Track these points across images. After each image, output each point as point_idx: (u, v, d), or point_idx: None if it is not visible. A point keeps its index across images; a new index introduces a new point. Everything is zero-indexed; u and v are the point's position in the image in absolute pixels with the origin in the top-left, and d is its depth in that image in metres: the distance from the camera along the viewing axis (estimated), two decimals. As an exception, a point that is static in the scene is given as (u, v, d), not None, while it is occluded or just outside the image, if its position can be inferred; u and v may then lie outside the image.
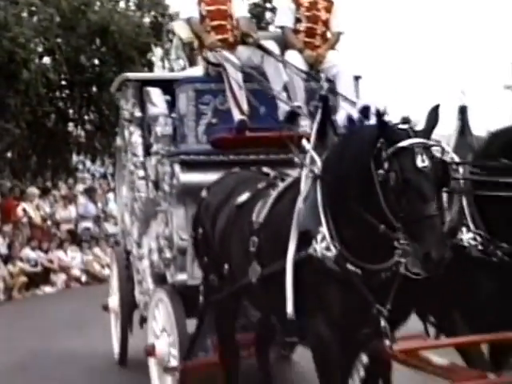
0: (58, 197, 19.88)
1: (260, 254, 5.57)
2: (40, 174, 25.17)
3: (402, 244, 4.70)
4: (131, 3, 25.96)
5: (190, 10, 7.79)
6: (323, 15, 7.66)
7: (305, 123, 6.82)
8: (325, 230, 5.04)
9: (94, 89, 24.43)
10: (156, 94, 8.00)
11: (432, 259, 4.48)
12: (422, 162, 4.60)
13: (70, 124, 25.81)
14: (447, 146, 5.90)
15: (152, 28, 24.73)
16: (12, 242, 16.81)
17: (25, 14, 22.36)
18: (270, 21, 25.08)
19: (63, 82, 24.66)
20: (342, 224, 5.03)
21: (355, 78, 7.58)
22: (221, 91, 7.32)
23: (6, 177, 23.07)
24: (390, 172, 4.64)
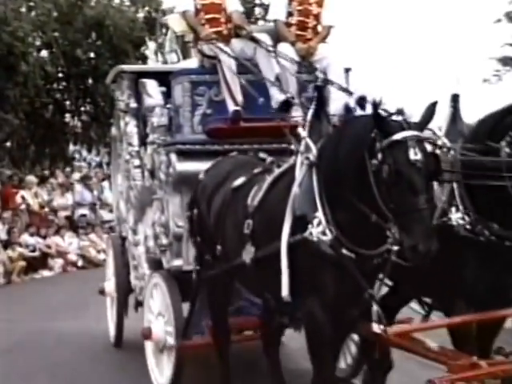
0: (55, 185, 19.79)
1: (254, 236, 5.51)
2: (38, 163, 25.33)
3: (393, 233, 4.67)
4: (126, -2, 26.01)
5: (185, 3, 7.70)
6: (314, 9, 7.57)
7: (297, 114, 6.74)
8: (321, 215, 4.98)
9: (90, 81, 24.45)
10: (152, 85, 7.91)
11: (419, 251, 4.46)
12: (414, 155, 4.53)
13: (67, 115, 25.90)
14: (439, 131, 5.87)
15: (146, 23, 24.72)
16: (11, 228, 16.77)
17: (24, 9, 22.33)
18: (260, 16, 25.07)
19: (60, 75, 24.68)
20: (337, 210, 4.98)
21: (345, 70, 7.49)
22: (215, 83, 7.24)
23: (5, 165, 23.09)
24: (383, 164, 4.58)
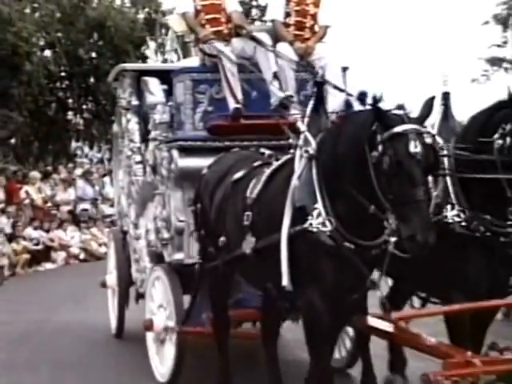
0: (58, 180, 19.72)
1: (254, 227, 5.47)
2: (42, 159, 25.37)
3: (391, 224, 4.63)
4: (126, 0, 26.01)
5: (185, 5, 7.63)
6: (311, 9, 7.51)
7: (296, 111, 6.67)
8: (320, 207, 4.96)
9: (92, 80, 24.42)
10: (154, 83, 7.87)
11: (417, 241, 4.42)
12: (414, 147, 4.51)
13: (70, 112, 25.93)
14: (431, 129, 5.79)
15: (146, 23, 24.75)
16: (16, 222, 16.75)
17: (28, 10, 22.30)
18: (256, 17, 25.04)
19: (63, 74, 24.67)
20: (337, 202, 4.96)
21: (343, 69, 7.44)
22: (216, 81, 7.19)
23: (9, 161, 23.08)
24: (384, 155, 4.55)
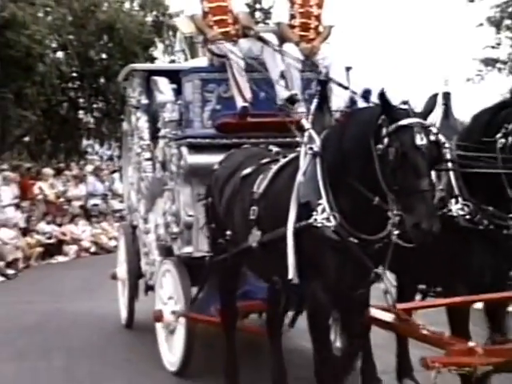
0: (69, 176, 19.69)
1: (259, 221, 5.43)
2: (54, 156, 25.65)
3: (395, 215, 4.59)
4: (135, 4, 26.20)
5: (193, 7, 7.57)
6: (315, 11, 7.45)
7: (301, 110, 6.67)
8: (325, 202, 4.89)
9: (102, 80, 24.54)
10: (163, 82, 7.80)
11: (422, 229, 4.36)
12: (420, 140, 4.46)
13: (81, 111, 26.13)
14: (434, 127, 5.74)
15: (154, 26, 24.87)
16: (29, 217, 16.79)
17: (41, 14, 22.28)
18: (260, 20, 25.03)
19: (74, 74, 24.82)
20: (341, 197, 4.89)
21: (346, 69, 7.40)
22: (224, 80, 7.13)
23: (24, 158, 23.17)
24: (390, 147, 4.49)
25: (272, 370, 6.23)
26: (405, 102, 4.65)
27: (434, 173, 5.20)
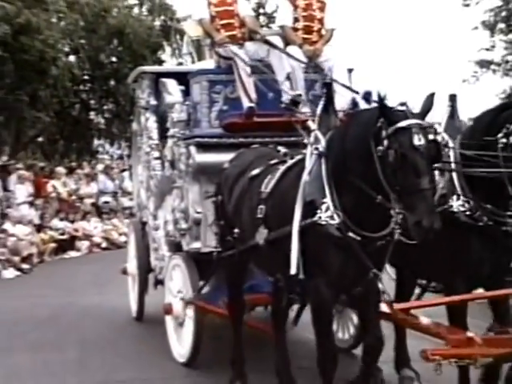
0: (81, 175, 19.69)
1: (267, 219, 5.39)
2: (66, 156, 25.75)
3: (397, 213, 4.57)
4: (144, 9, 26.23)
5: (199, 11, 7.52)
6: (318, 14, 7.41)
7: (305, 110, 6.63)
8: (329, 201, 4.87)
9: (112, 82, 24.51)
10: (172, 84, 7.75)
11: (423, 227, 4.35)
12: (418, 140, 4.45)
13: (92, 113, 26.16)
14: (439, 127, 5.77)
15: (162, 30, 24.88)
16: (43, 214, 16.80)
17: (54, 20, 22.21)
18: (264, 24, 24.98)
19: (86, 77, 24.80)
20: (344, 196, 4.87)
21: (348, 71, 7.36)
22: (231, 81, 7.08)
23: (37, 158, 23.16)
24: (389, 149, 4.48)
25: (276, 361, 6.20)
26: (403, 104, 4.62)
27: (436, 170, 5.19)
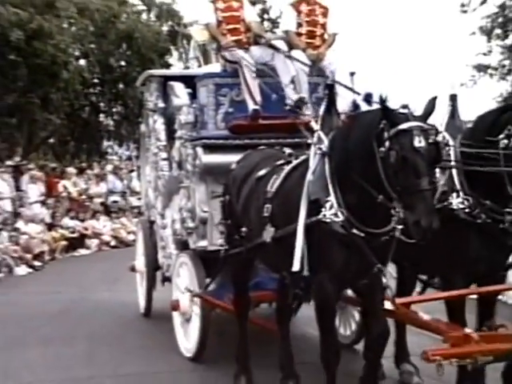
0: (91, 175, 19.69)
1: (273, 218, 5.38)
2: (77, 157, 25.78)
3: (398, 212, 4.57)
4: (152, 14, 26.28)
5: (207, 17, 7.51)
6: (321, 19, 7.38)
7: (308, 112, 6.60)
8: (333, 199, 4.86)
9: (121, 85, 24.56)
10: (179, 87, 7.74)
11: (421, 226, 4.33)
12: (418, 142, 4.43)
13: (101, 115, 26.21)
14: (440, 126, 5.70)
15: (169, 35, 24.84)
16: (54, 213, 16.85)
17: (65, 25, 22.32)
18: (268, 29, 24.98)
19: (96, 80, 24.86)
20: (347, 194, 4.86)
21: (350, 74, 7.31)
22: (236, 85, 7.08)
23: (49, 159, 23.20)
24: (391, 150, 4.46)
25: (280, 356, 6.19)
26: (404, 106, 4.61)
27: (438, 168, 5.18)
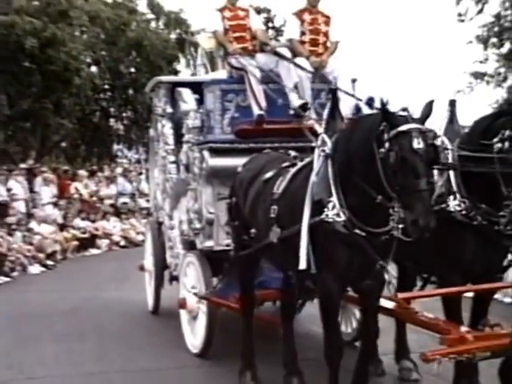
0: (101, 177, 19.70)
1: (279, 219, 5.37)
2: (88, 160, 25.84)
3: (396, 212, 4.59)
4: (160, 23, 26.34)
5: (214, 25, 7.51)
6: (323, 28, 7.37)
7: (312, 116, 6.60)
8: (335, 200, 4.86)
9: (131, 91, 24.70)
10: (187, 93, 7.74)
11: (419, 225, 4.34)
12: (417, 144, 4.43)
13: (112, 120, 26.27)
14: (439, 130, 5.71)
15: (177, 42, 25.00)
16: (66, 214, 16.84)
17: (77, 33, 22.52)
18: (272, 37, 25.03)
19: (106, 86, 25.02)
20: (349, 195, 4.85)
21: (352, 81, 7.31)
22: (242, 91, 7.07)
23: (61, 162, 23.24)
24: (390, 151, 4.47)
25: (284, 353, 6.16)
26: (404, 109, 4.59)
27: (436, 170, 5.18)
